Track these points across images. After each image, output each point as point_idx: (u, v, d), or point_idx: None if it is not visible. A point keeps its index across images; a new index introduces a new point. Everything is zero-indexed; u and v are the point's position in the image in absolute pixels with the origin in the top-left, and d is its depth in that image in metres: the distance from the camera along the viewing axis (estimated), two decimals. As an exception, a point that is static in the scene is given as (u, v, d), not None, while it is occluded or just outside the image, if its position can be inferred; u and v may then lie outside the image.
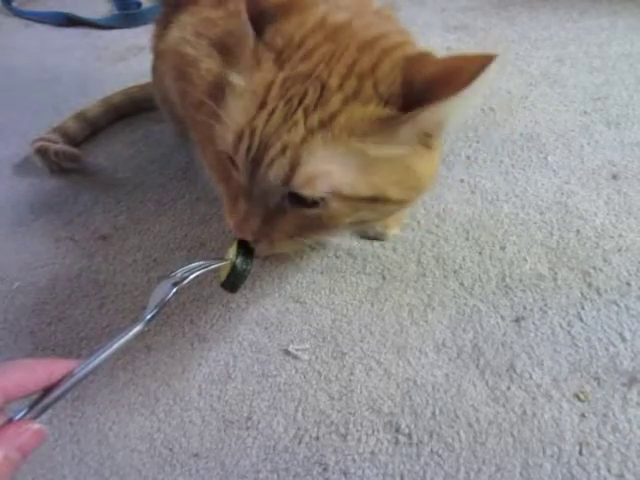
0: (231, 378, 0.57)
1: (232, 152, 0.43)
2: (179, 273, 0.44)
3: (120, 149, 0.93)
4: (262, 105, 0.41)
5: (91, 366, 0.36)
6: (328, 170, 0.39)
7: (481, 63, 0.35)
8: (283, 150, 0.39)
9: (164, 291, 0.42)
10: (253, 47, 0.43)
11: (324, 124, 0.39)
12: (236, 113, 0.42)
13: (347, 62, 0.40)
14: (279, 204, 0.43)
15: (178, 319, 0.63)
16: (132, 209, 0.80)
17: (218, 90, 0.48)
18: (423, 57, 0.40)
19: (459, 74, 0.36)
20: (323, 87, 0.39)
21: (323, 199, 0.41)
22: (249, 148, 0.41)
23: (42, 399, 0.34)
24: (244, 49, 0.44)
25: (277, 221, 0.44)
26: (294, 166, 0.39)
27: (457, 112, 0.39)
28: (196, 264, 0.45)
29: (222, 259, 0.49)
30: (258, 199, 0.43)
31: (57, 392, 0.34)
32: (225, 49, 0.56)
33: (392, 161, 0.41)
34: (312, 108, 0.39)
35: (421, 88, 0.38)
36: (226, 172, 0.47)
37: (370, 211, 0.44)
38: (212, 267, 0.46)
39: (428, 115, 0.38)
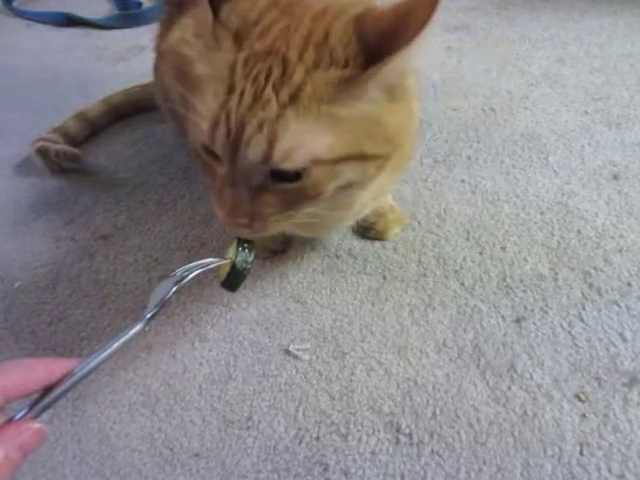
0: (232, 378, 0.57)
1: (209, 140, 0.42)
2: (179, 272, 0.44)
3: (120, 149, 0.93)
4: (231, 88, 0.41)
5: (91, 365, 0.36)
6: (304, 141, 0.40)
7: (428, 7, 0.36)
8: (260, 127, 0.40)
9: (164, 290, 0.42)
10: (212, 28, 0.43)
11: (293, 97, 0.40)
12: (208, 100, 0.42)
13: (302, 34, 0.41)
14: (263, 184, 0.43)
15: (179, 319, 0.63)
16: (133, 209, 0.80)
17: None
18: (370, 13, 0.41)
19: (410, 22, 0.37)
20: (284, 62, 0.40)
21: (304, 169, 0.42)
22: (228, 132, 0.41)
23: (42, 398, 0.34)
24: (205, 31, 0.43)
25: (264, 201, 0.44)
26: (272, 142, 0.40)
27: (416, 58, 0.40)
28: (196, 263, 0.45)
29: (222, 258, 0.49)
30: (242, 182, 0.43)
31: (57, 391, 0.34)
32: None
33: (362, 118, 0.42)
34: (279, 83, 0.40)
35: (377, 42, 0.39)
36: (207, 167, 0.47)
37: (351, 171, 0.45)
38: (212, 266, 0.46)
39: (390, 67, 0.39)
